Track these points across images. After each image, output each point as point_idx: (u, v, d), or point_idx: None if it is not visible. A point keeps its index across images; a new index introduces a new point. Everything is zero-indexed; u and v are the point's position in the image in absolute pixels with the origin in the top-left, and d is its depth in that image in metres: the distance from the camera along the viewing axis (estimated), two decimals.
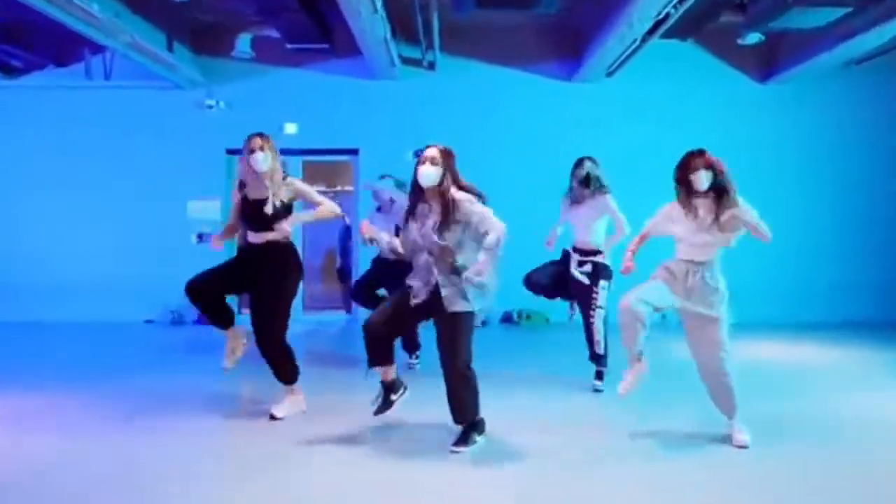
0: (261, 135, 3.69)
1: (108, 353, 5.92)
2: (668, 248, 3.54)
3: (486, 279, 3.11)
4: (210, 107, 7.50)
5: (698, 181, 3.29)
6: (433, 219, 3.15)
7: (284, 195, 3.64)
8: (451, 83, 7.56)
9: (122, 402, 4.07)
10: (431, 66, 7.38)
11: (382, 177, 5.15)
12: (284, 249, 3.68)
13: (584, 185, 4.35)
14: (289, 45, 6.74)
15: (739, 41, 5.88)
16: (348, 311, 7.87)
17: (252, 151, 3.60)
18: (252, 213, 3.64)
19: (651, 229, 3.60)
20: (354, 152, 7.67)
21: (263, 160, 3.59)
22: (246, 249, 3.77)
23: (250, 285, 3.67)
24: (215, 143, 7.54)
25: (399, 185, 4.94)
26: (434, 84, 7.55)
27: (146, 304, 7.49)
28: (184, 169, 7.55)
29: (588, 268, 4.33)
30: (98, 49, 7.34)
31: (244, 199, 3.69)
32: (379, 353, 3.27)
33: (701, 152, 3.33)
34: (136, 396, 4.20)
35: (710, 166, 3.30)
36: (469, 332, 3.18)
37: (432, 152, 3.19)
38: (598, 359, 4.37)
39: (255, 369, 4.01)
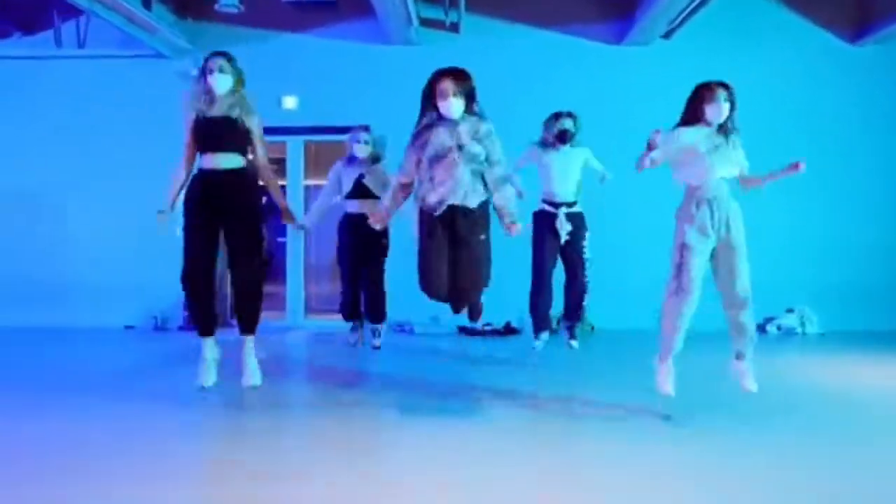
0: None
1: (85, 361, 5.05)
2: None
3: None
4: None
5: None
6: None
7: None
8: (477, 48, 6.44)
9: (96, 415, 3.48)
10: (455, 27, 6.38)
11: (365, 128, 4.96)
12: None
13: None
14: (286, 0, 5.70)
15: None
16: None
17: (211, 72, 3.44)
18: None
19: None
20: (365, 130, 6.55)
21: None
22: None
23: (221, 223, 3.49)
24: None
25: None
26: (458, 49, 6.41)
27: (126, 308, 6.53)
28: (167, 150, 6.47)
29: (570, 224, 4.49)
30: (69, 13, 6.41)
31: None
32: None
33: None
34: (112, 409, 3.57)
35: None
36: (489, 246, 3.28)
37: (449, 85, 3.28)
38: (578, 316, 4.59)
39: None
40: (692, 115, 3.27)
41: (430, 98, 3.28)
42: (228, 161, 3.45)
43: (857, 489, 2.55)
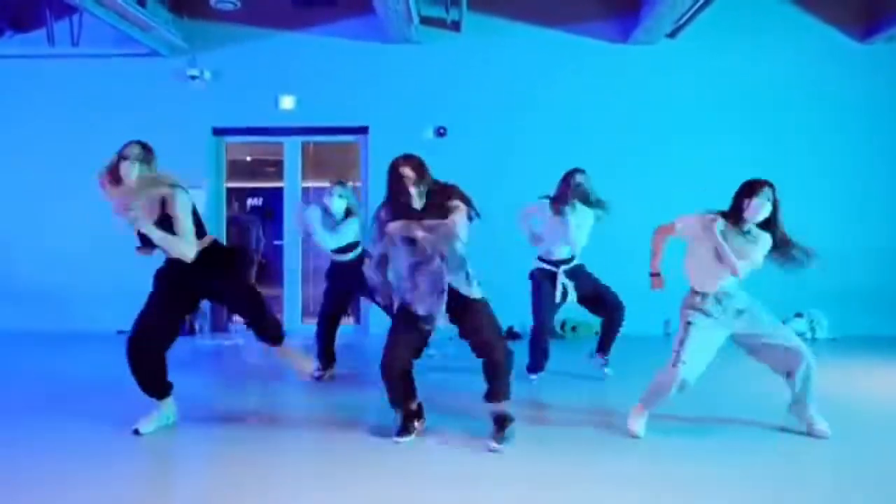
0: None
1: (77, 367, 4.98)
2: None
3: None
4: (193, 77, 6.36)
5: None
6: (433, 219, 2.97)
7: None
8: (479, 47, 6.32)
9: (88, 423, 3.42)
10: (456, 26, 6.21)
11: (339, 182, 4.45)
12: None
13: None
14: None
15: None
16: (357, 320, 6.68)
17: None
18: None
19: None
20: (364, 131, 6.47)
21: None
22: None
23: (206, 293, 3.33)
24: (200, 121, 6.44)
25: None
26: (459, 48, 6.33)
27: (118, 312, 6.33)
28: (163, 151, 6.24)
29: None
30: (63, 10, 6.28)
31: None
32: (404, 390, 3.17)
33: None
34: (103, 417, 3.51)
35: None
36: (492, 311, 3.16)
37: (409, 173, 3.00)
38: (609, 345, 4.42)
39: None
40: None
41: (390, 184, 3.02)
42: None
43: (860, 495, 2.53)
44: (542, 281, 4.29)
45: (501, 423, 3.09)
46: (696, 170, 6.04)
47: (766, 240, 3.06)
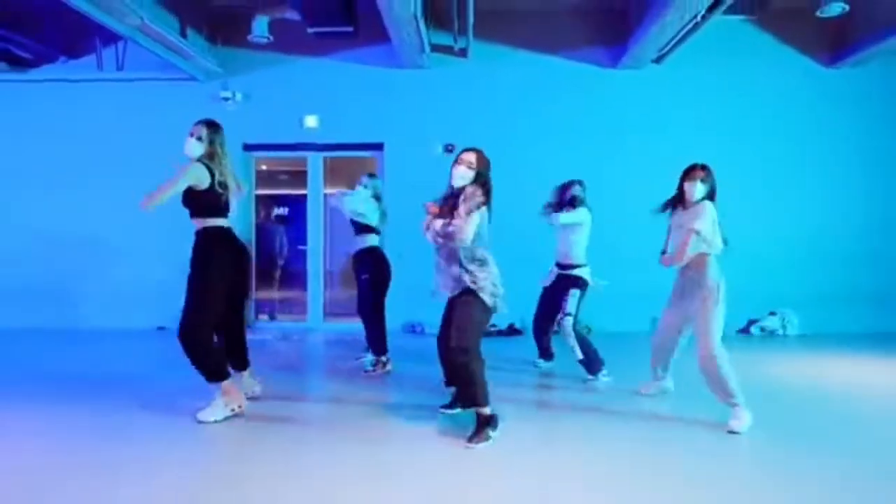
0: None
1: (119, 361, 5.38)
2: None
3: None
4: (226, 99, 7.03)
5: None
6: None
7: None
8: (484, 72, 6.98)
9: (131, 414, 3.72)
10: (463, 53, 6.81)
11: (370, 175, 4.95)
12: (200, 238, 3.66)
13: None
14: (310, 30, 6.22)
15: (819, 13, 5.17)
16: None
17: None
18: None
19: None
20: (379, 147, 7.12)
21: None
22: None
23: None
24: (232, 138, 6.87)
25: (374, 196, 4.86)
26: (466, 73, 6.98)
27: (159, 310, 7.02)
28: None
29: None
30: (110, 39, 6.97)
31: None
32: (457, 376, 3.31)
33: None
34: (145, 407, 3.84)
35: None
36: (478, 313, 3.18)
37: (470, 157, 3.26)
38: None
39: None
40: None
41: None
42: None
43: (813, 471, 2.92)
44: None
45: (479, 424, 3.17)
46: (676, 179, 6.65)
47: (706, 207, 3.54)
